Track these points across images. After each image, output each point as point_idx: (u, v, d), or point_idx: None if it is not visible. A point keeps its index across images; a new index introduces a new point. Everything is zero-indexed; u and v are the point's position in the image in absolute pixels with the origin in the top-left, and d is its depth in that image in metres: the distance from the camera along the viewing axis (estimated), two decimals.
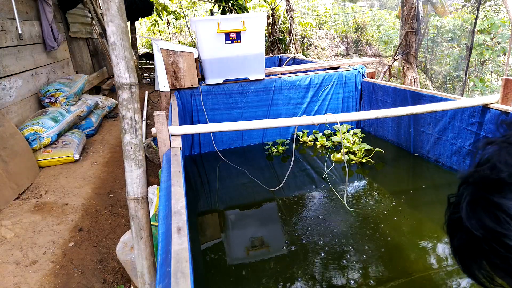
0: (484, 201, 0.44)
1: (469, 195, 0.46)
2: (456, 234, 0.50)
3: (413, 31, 4.89)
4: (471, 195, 0.46)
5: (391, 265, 1.73)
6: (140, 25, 13.96)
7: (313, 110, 3.52)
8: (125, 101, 1.18)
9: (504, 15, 5.49)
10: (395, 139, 3.20)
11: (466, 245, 0.48)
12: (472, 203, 0.46)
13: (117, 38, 1.12)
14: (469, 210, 0.46)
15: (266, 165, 3.09)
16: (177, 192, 1.25)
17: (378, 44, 8.59)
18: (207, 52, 2.94)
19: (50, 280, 1.75)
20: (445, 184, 2.56)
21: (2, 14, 3.36)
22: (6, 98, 3.21)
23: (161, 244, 1.00)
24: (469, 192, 0.47)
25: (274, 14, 8.37)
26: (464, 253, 0.50)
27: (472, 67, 5.69)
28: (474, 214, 0.45)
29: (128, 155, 1.23)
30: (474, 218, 0.45)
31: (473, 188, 0.46)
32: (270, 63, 5.37)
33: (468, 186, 0.48)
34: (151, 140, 3.40)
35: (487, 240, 0.43)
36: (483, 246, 0.44)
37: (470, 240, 0.46)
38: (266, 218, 2.27)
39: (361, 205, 2.26)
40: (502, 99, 2.20)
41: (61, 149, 3.16)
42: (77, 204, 2.46)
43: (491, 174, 0.44)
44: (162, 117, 1.74)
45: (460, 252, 0.50)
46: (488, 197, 0.44)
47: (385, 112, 2.14)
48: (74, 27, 5.44)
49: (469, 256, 0.49)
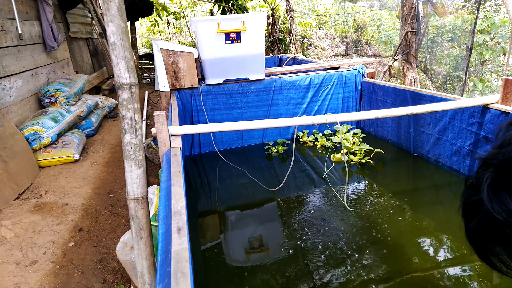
0: (508, 183, 0.42)
1: (491, 177, 0.44)
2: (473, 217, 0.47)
3: (413, 31, 4.89)
4: (494, 177, 0.44)
5: (391, 265, 1.73)
6: (140, 25, 13.96)
7: (313, 110, 3.52)
8: (125, 101, 1.18)
9: (504, 15, 5.49)
10: (395, 139, 3.20)
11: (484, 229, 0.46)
12: (495, 185, 0.43)
13: (117, 38, 1.12)
14: (491, 193, 0.43)
15: (266, 165, 3.09)
16: (177, 192, 1.25)
17: (378, 44, 8.59)
18: (207, 52, 2.94)
19: (50, 280, 1.75)
20: (445, 184, 2.56)
21: (2, 14, 3.36)
22: (6, 98, 3.21)
23: (161, 244, 1.00)
24: (491, 174, 0.44)
25: (274, 14, 8.37)
26: (481, 236, 0.47)
27: (472, 67, 5.70)
28: (497, 197, 0.43)
29: (128, 155, 1.23)
30: (496, 201, 0.43)
31: (496, 170, 0.44)
32: (270, 63, 5.37)
33: (489, 168, 0.45)
34: (151, 140, 3.40)
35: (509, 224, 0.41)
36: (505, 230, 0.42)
37: (489, 224, 0.44)
38: (266, 218, 2.27)
39: (361, 206, 2.26)
40: (502, 99, 2.19)
41: (61, 149, 3.16)
42: (77, 204, 2.46)
43: None
44: (162, 117, 1.74)
45: (477, 235, 0.48)
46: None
47: (385, 112, 2.14)
48: (74, 27, 5.44)
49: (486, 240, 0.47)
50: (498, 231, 0.43)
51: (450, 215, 2.12)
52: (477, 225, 0.47)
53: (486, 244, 0.47)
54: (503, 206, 0.42)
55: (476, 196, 0.46)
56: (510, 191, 0.42)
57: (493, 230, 0.44)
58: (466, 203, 0.50)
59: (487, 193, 0.44)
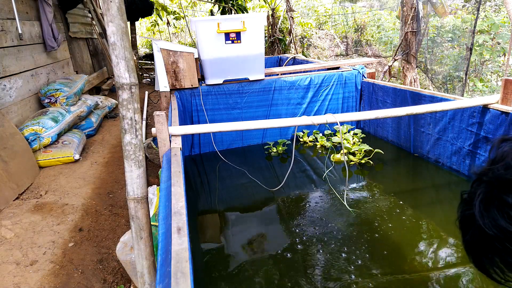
0: (498, 200, 0.44)
1: (483, 193, 0.46)
2: (468, 231, 0.49)
3: (413, 31, 4.89)
4: (485, 193, 0.46)
5: (391, 265, 1.73)
6: (140, 25, 13.96)
7: (313, 110, 3.52)
8: (125, 101, 1.18)
9: (504, 15, 5.49)
10: (395, 139, 3.20)
11: (478, 242, 0.47)
12: (486, 202, 0.45)
13: (117, 38, 1.12)
14: (482, 209, 0.45)
15: (266, 165, 3.09)
16: (177, 192, 1.25)
17: (378, 45, 8.58)
18: (207, 52, 2.94)
19: (50, 280, 1.75)
20: (445, 184, 2.56)
21: (2, 14, 3.36)
22: (6, 98, 3.21)
23: (161, 244, 1.00)
24: (482, 190, 0.46)
25: (274, 14, 8.37)
26: (476, 249, 0.49)
27: (472, 67, 5.70)
28: (488, 213, 0.44)
29: (128, 155, 1.23)
30: (487, 217, 0.44)
31: (486, 187, 0.46)
32: (270, 63, 5.37)
33: (481, 184, 0.47)
34: (151, 140, 3.40)
35: (499, 239, 0.43)
36: (496, 245, 0.44)
37: (482, 238, 0.46)
38: (266, 218, 2.27)
39: (361, 206, 2.26)
40: (502, 100, 2.20)
41: (61, 149, 3.16)
42: (77, 204, 2.46)
43: (505, 174, 0.43)
44: (162, 117, 1.74)
45: (472, 248, 0.50)
46: (502, 197, 0.43)
47: (385, 112, 2.14)
48: (74, 27, 5.44)
49: (481, 252, 0.48)
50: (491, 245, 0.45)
51: (450, 215, 2.12)
52: (472, 239, 0.49)
53: (481, 256, 0.49)
54: (493, 222, 0.44)
55: (469, 211, 0.48)
56: (500, 208, 0.43)
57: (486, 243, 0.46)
58: (461, 216, 0.52)
59: (478, 208, 0.46)
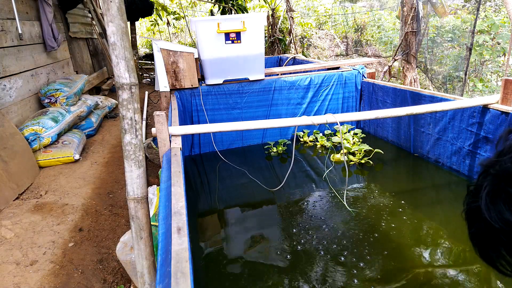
0: (504, 193, 0.43)
1: (489, 186, 0.46)
2: (474, 223, 0.49)
3: (413, 31, 4.89)
4: (492, 186, 0.45)
5: (391, 265, 1.73)
6: (140, 25, 13.96)
7: (313, 110, 3.52)
8: (125, 101, 1.18)
9: (504, 15, 5.49)
10: (395, 139, 3.20)
11: (485, 235, 0.47)
12: (492, 195, 0.45)
13: (117, 38, 1.12)
14: (489, 201, 0.45)
15: (266, 165, 3.09)
16: (177, 192, 1.25)
17: (378, 45, 8.58)
18: (207, 52, 2.94)
19: (50, 280, 1.75)
20: (445, 184, 2.56)
21: (2, 14, 3.36)
22: (6, 98, 3.21)
23: (161, 244, 1.00)
24: (489, 183, 0.46)
25: (274, 14, 8.37)
26: (482, 242, 0.49)
27: (472, 67, 5.70)
28: (494, 206, 0.44)
29: (128, 155, 1.23)
30: (493, 210, 0.44)
31: (493, 179, 0.45)
32: (270, 63, 5.37)
33: (488, 176, 0.46)
34: (151, 140, 3.40)
35: (506, 232, 0.43)
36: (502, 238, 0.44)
37: (488, 231, 0.46)
38: (266, 218, 2.27)
39: (361, 205, 2.26)
40: (502, 100, 2.20)
41: (61, 149, 3.16)
42: (77, 204, 2.46)
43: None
44: (162, 117, 1.74)
45: (478, 240, 0.50)
46: (509, 190, 0.43)
47: (385, 112, 2.14)
48: (74, 27, 5.44)
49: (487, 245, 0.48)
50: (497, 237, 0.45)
51: (450, 215, 2.12)
52: (478, 231, 0.49)
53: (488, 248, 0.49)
54: (499, 215, 0.43)
55: (475, 203, 0.48)
56: (506, 201, 0.43)
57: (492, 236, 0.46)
58: (467, 209, 0.51)
59: (485, 201, 0.46)
